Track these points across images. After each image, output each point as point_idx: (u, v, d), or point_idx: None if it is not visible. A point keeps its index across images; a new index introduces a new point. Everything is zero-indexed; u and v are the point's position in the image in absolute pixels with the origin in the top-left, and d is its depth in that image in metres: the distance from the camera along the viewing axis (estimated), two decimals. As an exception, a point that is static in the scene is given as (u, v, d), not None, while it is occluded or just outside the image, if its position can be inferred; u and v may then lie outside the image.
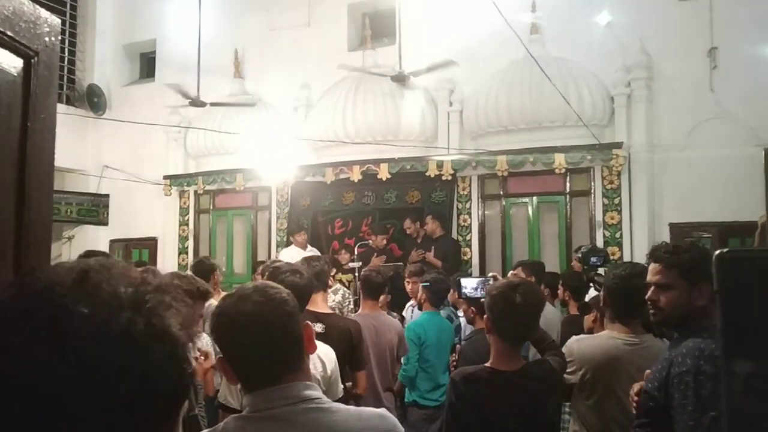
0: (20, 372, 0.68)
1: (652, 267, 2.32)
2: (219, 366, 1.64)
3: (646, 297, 2.31)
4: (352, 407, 1.65)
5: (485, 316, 2.74)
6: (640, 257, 7.34)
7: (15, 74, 1.27)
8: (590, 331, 3.88)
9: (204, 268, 5.10)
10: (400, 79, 8.17)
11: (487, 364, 2.68)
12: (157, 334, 0.73)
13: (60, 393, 0.67)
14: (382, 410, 1.64)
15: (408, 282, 5.73)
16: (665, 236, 7.82)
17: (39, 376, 0.67)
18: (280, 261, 5.25)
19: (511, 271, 6.11)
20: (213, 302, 5.32)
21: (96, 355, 0.69)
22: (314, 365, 2.80)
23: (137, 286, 0.75)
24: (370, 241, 8.43)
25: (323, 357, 2.88)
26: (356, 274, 7.16)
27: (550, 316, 4.66)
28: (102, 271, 0.75)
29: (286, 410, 1.49)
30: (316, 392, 1.55)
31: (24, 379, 0.67)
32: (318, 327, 3.35)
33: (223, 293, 5.69)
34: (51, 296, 0.71)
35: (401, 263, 8.14)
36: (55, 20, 1.37)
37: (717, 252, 0.95)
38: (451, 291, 5.12)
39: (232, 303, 1.57)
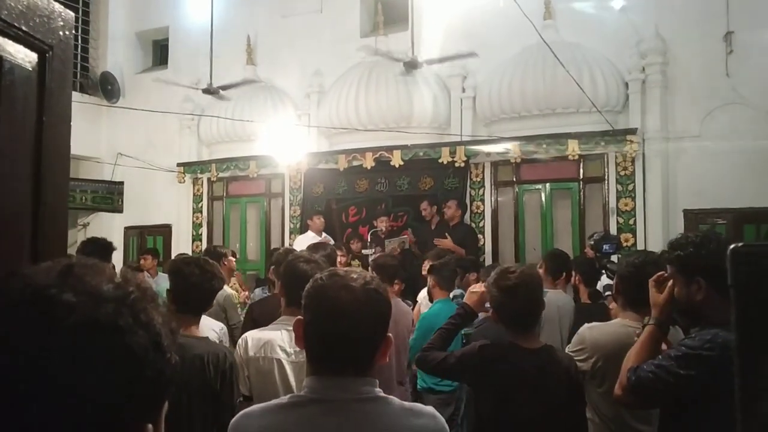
0: (8, 364, 0.68)
1: None
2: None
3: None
4: (405, 403, 1.66)
5: (489, 308, 2.77)
6: (654, 244, 7.33)
7: (30, 69, 1.28)
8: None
9: (215, 255, 5.35)
10: (413, 65, 8.13)
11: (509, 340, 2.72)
12: (143, 324, 0.75)
13: (50, 383, 0.68)
14: (433, 409, 1.68)
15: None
16: (679, 223, 7.77)
17: (28, 367, 0.68)
18: (293, 249, 5.28)
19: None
20: (227, 289, 5.38)
21: (84, 343, 0.70)
22: None
23: (119, 284, 0.77)
24: (381, 229, 8.41)
25: None
26: (369, 262, 7.14)
27: (561, 303, 4.62)
28: (85, 268, 0.77)
29: (345, 399, 1.54)
30: (376, 389, 1.58)
31: (13, 371, 0.68)
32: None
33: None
34: (35, 290, 0.72)
35: (406, 237, 8.15)
36: (69, 14, 1.38)
37: (732, 246, 0.94)
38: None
39: (341, 286, 1.57)
